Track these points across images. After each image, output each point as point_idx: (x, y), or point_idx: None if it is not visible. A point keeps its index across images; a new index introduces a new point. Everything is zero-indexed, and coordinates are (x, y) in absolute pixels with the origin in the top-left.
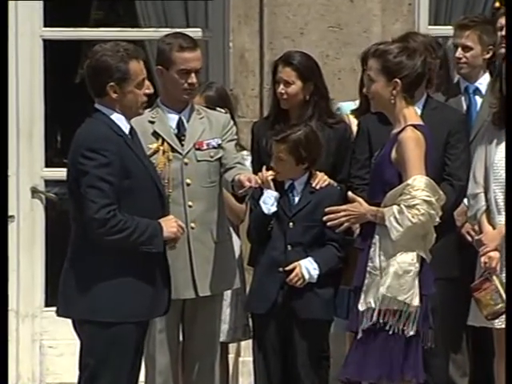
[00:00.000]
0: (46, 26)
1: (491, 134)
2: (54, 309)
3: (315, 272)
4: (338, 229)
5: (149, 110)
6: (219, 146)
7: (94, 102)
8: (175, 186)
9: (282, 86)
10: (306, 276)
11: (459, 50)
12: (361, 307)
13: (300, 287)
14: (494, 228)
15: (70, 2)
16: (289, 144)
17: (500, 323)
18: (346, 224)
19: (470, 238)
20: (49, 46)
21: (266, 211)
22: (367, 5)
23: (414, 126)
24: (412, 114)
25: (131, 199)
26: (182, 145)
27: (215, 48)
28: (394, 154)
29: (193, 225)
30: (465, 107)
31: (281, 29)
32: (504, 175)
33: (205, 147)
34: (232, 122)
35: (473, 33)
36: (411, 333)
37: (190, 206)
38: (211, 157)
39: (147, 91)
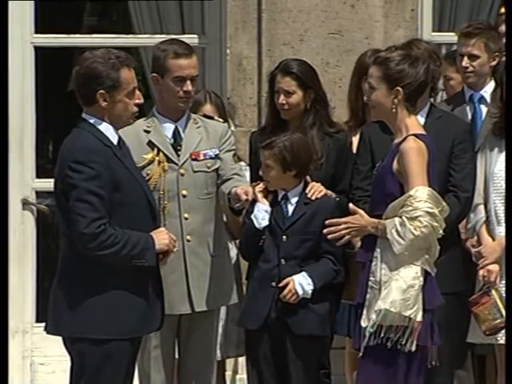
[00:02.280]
0: (37, 32)
1: (491, 143)
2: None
3: (309, 287)
4: (338, 242)
5: (144, 119)
6: (216, 157)
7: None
8: (171, 198)
9: (282, 97)
10: (300, 292)
11: (465, 59)
12: (363, 323)
13: (294, 303)
14: (493, 239)
15: (62, 7)
16: (274, 150)
17: (500, 339)
18: (346, 237)
19: (473, 251)
20: (40, 53)
21: (256, 225)
22: (369, 11)
23: (416, 135)
24: (414, 123)
25: (121, 212)
26: (178, 155)
27: (212, 55)
28: (395, 165)
29: (189, 237)
30: (470, 116)
31: (280, 36)
32: (504, 186)
33: (201, 157)
34: (230, 132)
35: (479, 41)
36: (413, 348)
37: (185, 219)
38: (208, 167)
39: (137, 101)
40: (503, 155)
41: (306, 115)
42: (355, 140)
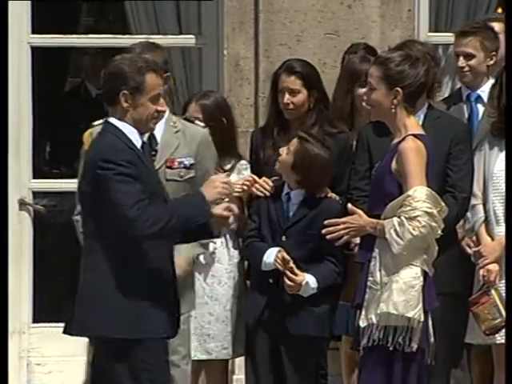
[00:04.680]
0: (33, 32)
1: (490, 143)
2: (42, 325)
3: (313, 291)
4: (337, 242)
5: None
6: (191, 166)
7: (86, 113)
8: None
9: (287, 96)
10: (302, 290)
11: (461, 58)
12: (362, 323)
13: (289, 300)
14: (492, 239)
15: (58, 7)
16: (297, 147)
17: (500, 338)
18: (345, 237)
19: (469, 251)
20: (37, 53)
21: (263, 267)
22: (365, 11)
23: (415, 135)
24: (413, 123)
25: None
26: (153, 161)
27: (209, 56)
28: (394, 165)
29: None
30: (466, 115)
31: (277, 36)
32: (503, 186)
33: (176, 165)
34: (210, 139)
35: (474, 39)
36: (414, 348)
37: None
38: (181, 177)
39: (160, 108)
40: (502, 155)
41: (308, 115)
42: None
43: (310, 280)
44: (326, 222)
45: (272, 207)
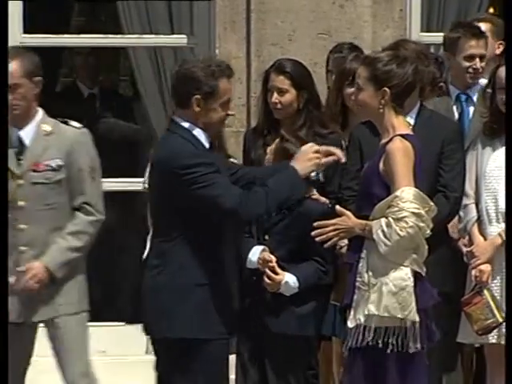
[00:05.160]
0: (25, 32)
1: (482, 143)
2: None
3: (294, 290)
4: (326, 244)
5: None
6: (59, 168)
7: (77, 114)
8: (11, 208)
9: (275, 95)
10: (282, 289)
11: (477, 60)
12: (350, 324)
13: (271, 298)
14: (485, 239)
15: (50, 7)
16: (282, 143)
17: (492, 338)
18: (334, 239)
19: (465, 251)
20: None
21: (248, 265)
22: (357, 11)
23: (403, 136)
24: (401, 123)
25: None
26: (20, 164)
27: (201, 55)
28: (381, 166)
29: (23, 248)
30: (457, 116)
31: (269, 36)
32: (496, 185)
33: (41, 168)
34: (85, 139)
35: (484, 40)
36: (413, 348)
37: (21, 230)
38: (47, 179)
39: (229, 112)
40: (494, 155)
41: (297, 115)
42: None
43: (289, 279)
44: (315, 224)
45: None
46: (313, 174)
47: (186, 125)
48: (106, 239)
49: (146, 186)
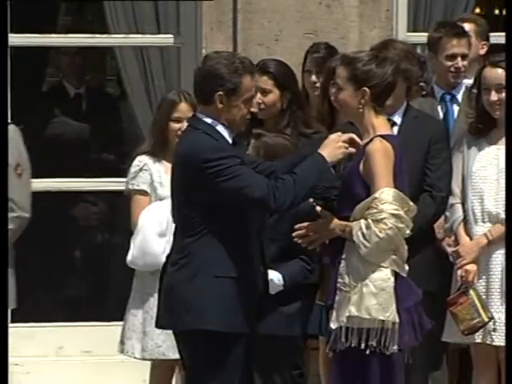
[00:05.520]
0: (12, 31)
1: (468, 143)
2: (20, 325)
3: (279, 288)
4: (308, 246)
5: None
6: None
7: (64, 113)
8: None
9: (259, 95)
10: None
11: (459, 59)
12: (333, 325)
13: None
14: (471, 239)
15: (36, 6)
16: (256, 142)
17: (477, 338)
18: (317, 241)
19: (449, 251)
20: (15, 52)
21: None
22: (344, 11)
23: (383, 136)
24: (381, 124)
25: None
26: None
27: (187, 55)
28: (361, 166)
29: None
30: (441, 116)
31: (255, 36)
32: (482, 185)
33: None
34: (15, 135)
35: (466, 40)
36: (393, 349)
37: None
38: None
39: (252, 109)
40: (480, 154)
41: (281, 115)
42: None
43: (274, 277)
44: (295, 227)
45: None
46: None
47: (208, 121)
48: (90, 239)
49: (131, 187)
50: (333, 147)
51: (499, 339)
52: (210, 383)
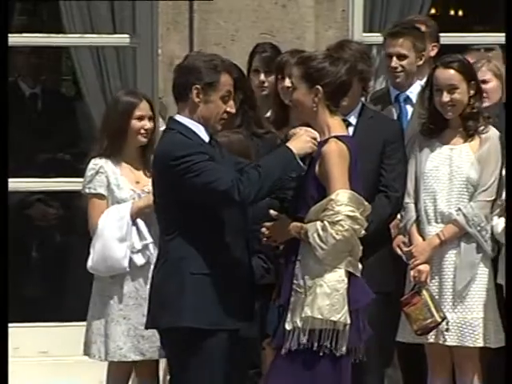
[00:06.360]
0: None
1: (420, 144)
2: None
3: None
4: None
5: None
6: None
7: (19, 113)
8: None
9: None
10: None
11: (394, 59)
12: (287, 326)
13: None
14: (424, 239)
15: None
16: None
17: (430, 338)
18: (274, 243)
19: (399, 252)
20: None
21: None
22: (300, 11)
23: (338, 137)
24: (336, 124)
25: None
26: None
27: (143, 55)
28: (317, 168)
29: None
30: (395, 116)
31: (211, 36)
32: (434, 186)
33: None
34: None
35: (407, 40)
36: (342, 350)
37: None
38: None
39: (229, 109)
40: (433, 155)
41: (234, 116)
42: None
43: None
44: (263, 227)
45: None
46: None
47: (183, 120)
48: (46, 239)
49: (88, 191)
50: (301, 140)
51: (452, 339)
52: (193, 380)
